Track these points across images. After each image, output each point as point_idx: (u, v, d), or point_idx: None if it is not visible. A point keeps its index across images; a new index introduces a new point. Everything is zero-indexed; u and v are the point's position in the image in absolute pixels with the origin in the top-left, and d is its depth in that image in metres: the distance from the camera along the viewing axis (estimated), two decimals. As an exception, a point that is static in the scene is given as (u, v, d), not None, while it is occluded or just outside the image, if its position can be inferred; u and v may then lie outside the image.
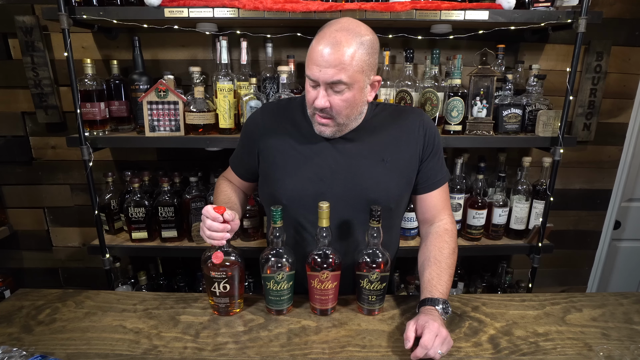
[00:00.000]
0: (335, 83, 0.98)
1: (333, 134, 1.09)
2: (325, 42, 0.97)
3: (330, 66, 0.96)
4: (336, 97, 1.00)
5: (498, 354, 0.95)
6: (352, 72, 0.97)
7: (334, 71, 0.96)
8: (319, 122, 1.06)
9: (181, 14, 1.45)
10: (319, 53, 0.97)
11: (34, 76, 1.76)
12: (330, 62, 0.96)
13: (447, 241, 1.12)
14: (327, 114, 1.04)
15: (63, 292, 1.20)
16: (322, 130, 1.08)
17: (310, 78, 1.01)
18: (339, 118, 1.04)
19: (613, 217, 2.13)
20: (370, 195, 1.10)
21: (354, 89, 1.00)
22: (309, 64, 1.00)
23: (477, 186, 1.72)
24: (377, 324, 1.05)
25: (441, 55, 1.68)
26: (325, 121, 1.05)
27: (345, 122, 1.06)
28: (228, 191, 1.25)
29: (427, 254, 1.11)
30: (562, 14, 1.49)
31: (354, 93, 1.01)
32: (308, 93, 1.05)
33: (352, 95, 1.01)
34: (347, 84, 0.98)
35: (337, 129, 1.07)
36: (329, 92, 1.00)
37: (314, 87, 1.03)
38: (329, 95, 1.01)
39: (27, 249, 2.07)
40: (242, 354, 0.93)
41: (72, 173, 1.95)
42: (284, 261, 1.03)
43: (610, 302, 1.18)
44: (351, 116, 1.06)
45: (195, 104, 1.56)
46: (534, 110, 1.65)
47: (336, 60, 0.95)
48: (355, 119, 1.09)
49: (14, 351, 0.91)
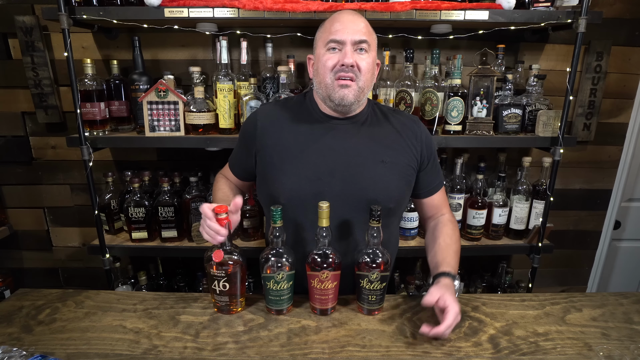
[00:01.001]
0: (362, 41, 1.06)
1: (354, 100, 1.09)
2: (345, 14, 1.09)
3: (357, 27, 1.07)
4: (361, 57, 1.08)
5: (498, 353, 0.95)
6: (371, 38, 1.10)
7: (361, 31, 1.07)
8: (340, 85, 1.08)
9: (181, 14, 1.45)
10: (343, 20, 1.07)
11: (34, 76, 1.76)
12: (356, 23, 1.07)
13: (453, 229, 1.23)
14: (352, 73, 1.07)
15: (63, 292, 1.20)
16: (345, 93, 1.08)
17: (335, 40, 1.06)
18: (360, 80, 1.08)
19: (613, 217, 2.13)
20: (370, 195, 1.10)
21: (372, 54, 1.10)
22: (331, 31, 1.07)
23: (477, 186, 1.72)
24: (377, 323, 1.05)
25: (441, 55, 1.68)
26: (348, 82, 1.07)
27: (363, 87, 1.10)
28: (226, 189, 1.26)
29: (437, 239, 1.20)
30: (562, 14, 1.49)
31: (372, 59, 1.10)
32: (327, 61, 1.08)
33: (372, 61, 1.10)
34: (370, 45, 1.08)
35: (359, 93, 1.10)
36: (354, 53, 1.07)
37: (335, 53, 1.08)
38: (353, 55, 1.07)
39: (27, 249, 2.07)
40: (242, 354, 0.93)
41: (72, 173, 1.95)
42: (284, 261, 1.03)
43: (610, 302, 1.18)
44: (369, 83, 1.12)
45: (195, 104, 1.56)
46: (534, 110, 1.65)
47: (360, 24, 1.08)
48: (368, 91, 1.14)
49: (14, 351, 0.91)
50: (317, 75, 1.12)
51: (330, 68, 1.07)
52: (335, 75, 1.07)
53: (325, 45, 1.08)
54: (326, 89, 1.10)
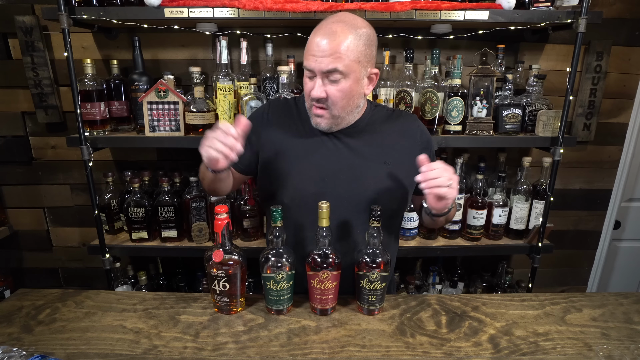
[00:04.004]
0: (331, 72, 1.00)
1: (329, 127, 1.09)
2: (321, 33, 1.00)
3: (326, 55, 0.98)
4: (332, 87, 1.02)
5: (498, 353, 0.95)
6: (348, 62, 0.99)
7: (330, 60, 0.98)
8: (315, 114, 1.07)
9: (181, 14, 1.45)
10: (316, 43, 0.99)
11: (34, 76, 1.76)
12: (326, 51, 0.98)
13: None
14: (323, 104, 1.05)
15: (63, 292, 1.20)
16: (318, 122, 1.08)
17: (307, 68, 1.03)
18: (334, 109, 1.05)
19: (613, 217, 2.13)
20: (373, 196, 1.10)
21: (350, 79, 1.02)
22: (306, 55, 1.03)
23: (477, 186, 1.72)
24: (377, 323, 1.05)
25: (441, 55, 1.68)
26: (320, 112, 1.06)
27: (340, 115, 1.07)
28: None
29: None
30: (562, 14, 1.49)
31: (350, 83, 1.02)
32: (305, 85, 1.07)
33: (349, 86, 1.03)
34: (342, 73, 1.00)
35: (333, 121, 1.08)
36: (325, 82, 1.02)
37: (310, 79, 1.04)
38: (325, 86, 1.02)
39: (27, 249, 2.07)
40: (242, 354, 0.93)
41: (72, 173, 1.95)
42: (284, 261, 1.03)
43: (610, 302, 1.18)
44: (347, 108, 1.07)
45: (195, 104, 1.56)
46: (534, 110, 1.65)
47: (332, 49, 0.98)
48: (352, 112, 1.09)
49: (14, 351, 0.91)
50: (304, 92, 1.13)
51: (307, 93, 1.07)
52: (311, 102, 1.07)
53: (304, 66, 1.06)
54: (308, 111, 1.12)
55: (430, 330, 1.03)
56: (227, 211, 1.01)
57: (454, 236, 1.78)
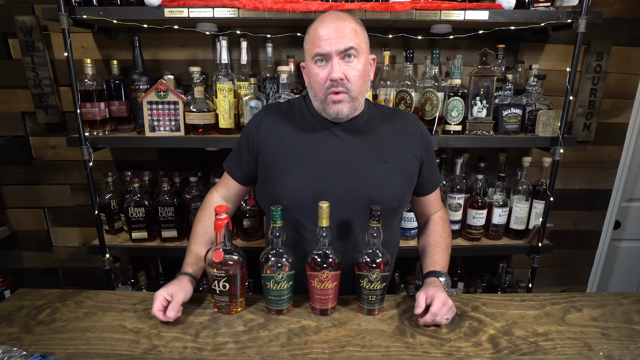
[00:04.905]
0: (348, 50, 1.03)
1: (349, 113, 1.09)
2: (327, 20, 1.05)
3: (340, 35, 1.02)
4: (348, 68, 1.04)
5: (498, 353, 0.95)
6: (358, 41, 1.05)
7: (346, 39, 1.02)
8: (333, 100, 1.06)
9: (181, 14, 1.45)
10: (326, 29, 1.03)
11: (34, 76, 1.76)
12: (339, 31, 1.02)
13: (444, 227, 1.27)
14: (342, 87, 1.05)
15: (63, 292, 1.20)
16: (339, 109, 1.07)
17: (320, 54, 1.04)
18: (353, 90, 1.06)
19: (613, 217, 2.13)
20: (373, 196, 1.10)
21: (363, 58, 1.06)
22: (315, 44, 1.04)
23: (477, 186, 1.72)
24: (377, 323, 1.05)
25: (441, 55, 1.68)
26: (340, 97, 1.05)
27: (357, 96, 1.08)
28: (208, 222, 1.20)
29: (428, 238, 1.26)
30: (562, 14, 1.49)
31: (363, 63, 1.06)
32: (317, 76, 1.06)
33: (362, 66, 1.06)
34: (357, 51, 1.04)
35: (352, 105, 1.08)
36: (341, 64, 1.04)
37: (323, 67, 1.05)
38: (341, 67, 1.04)
39: (27, 249, 2.07)
40: (242, 354, 0.93)
41: (72, 173, 1.95)
42: (284, 261, 1.03)
43: (610, 302, 1.18)
44: (363, 90, 1.10)
45: (195, 104, 1.56)
46: (534, 110, 1.65)
47: (344, 29, 1.02)
48: (363, 95, 1.11)
49: (14, 351, 0.91)
50: (310, 88, 1.12)
51: (321, 83, 1.06)
52: (327, 90, 1.06)
53: (313, 58, 1.06)
54: (321, 104, 1.10)
55: (430, 330, 1.03)
56: (227, 211, 1.02)
57: (454, 236, 1.78)
